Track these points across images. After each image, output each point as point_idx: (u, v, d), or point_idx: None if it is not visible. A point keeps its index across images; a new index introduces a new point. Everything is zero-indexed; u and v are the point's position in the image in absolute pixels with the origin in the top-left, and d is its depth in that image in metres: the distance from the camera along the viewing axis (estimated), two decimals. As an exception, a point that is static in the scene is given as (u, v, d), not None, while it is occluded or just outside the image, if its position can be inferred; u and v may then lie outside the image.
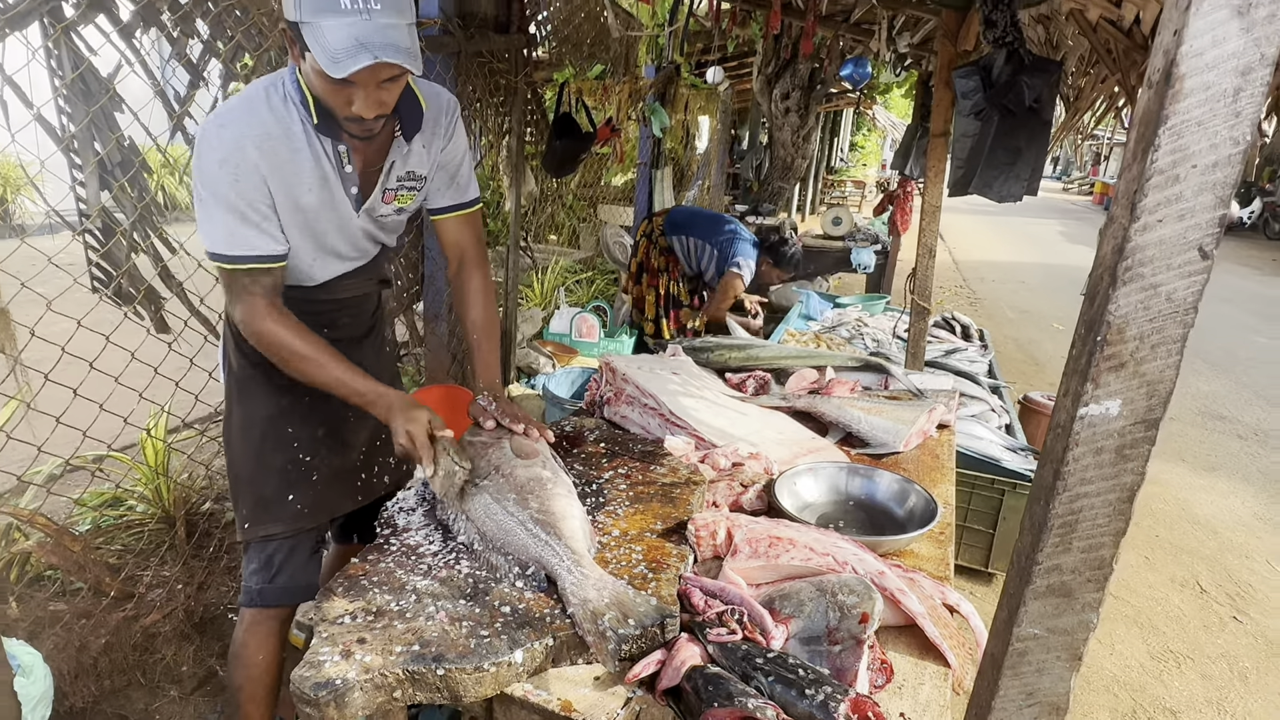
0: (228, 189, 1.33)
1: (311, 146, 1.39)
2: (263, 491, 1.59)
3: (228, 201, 1.33)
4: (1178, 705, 2.36)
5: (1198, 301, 0.58)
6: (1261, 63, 0.54)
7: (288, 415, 1.59)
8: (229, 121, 1.34)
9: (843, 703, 0.92)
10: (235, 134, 1.33)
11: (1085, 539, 0.63)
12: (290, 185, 1.39)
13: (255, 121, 1.34)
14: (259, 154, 1.33)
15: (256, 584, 1.59)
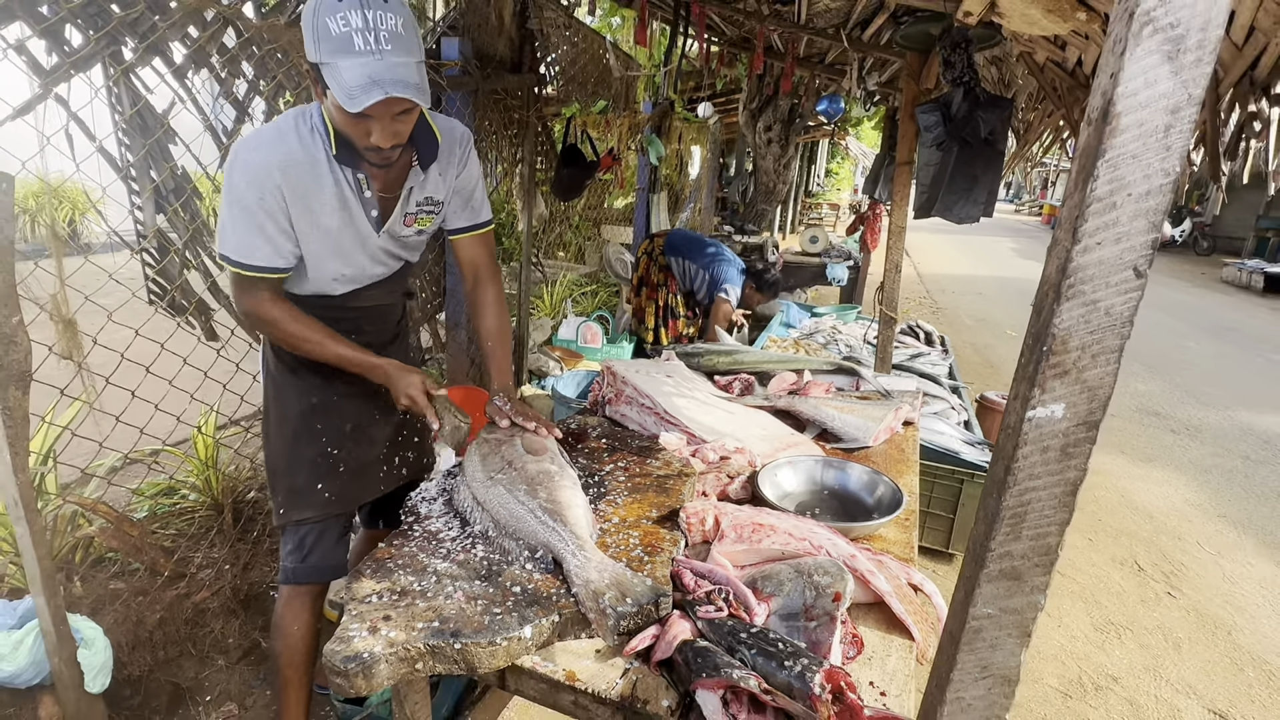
0: (252, 206, 1.35)
1: (333, 173, 1.40)
2: (295, 481, 1.59)
3: (249, 217, 1.35)
4: (1118, 672, 2.35)
5: (1133, 315, 0.57)
6: (1189, 102, 0.53)
7: (318, 413, 1.60)
8: (259, 145, 1.35)
9: (818, 673, 0.91)
10: (264, 158, 1.34)
11: (1033, 528, 0.62)
12: (312, 207, 1.41)
13: (283, 148, 1.35)
14: (283, 178, 1.35)
15: (291, 563, 1.61)
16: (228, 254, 1.39)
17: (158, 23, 1.66)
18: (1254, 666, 2.44)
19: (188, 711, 1.99)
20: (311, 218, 1.42)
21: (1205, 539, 3.33)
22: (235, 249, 1.38)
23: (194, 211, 1.90)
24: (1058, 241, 0.60)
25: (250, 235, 1.37)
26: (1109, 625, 2.61)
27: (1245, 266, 12.23)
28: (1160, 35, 0.53)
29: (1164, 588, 2.90)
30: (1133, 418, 5.06)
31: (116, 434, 2.10)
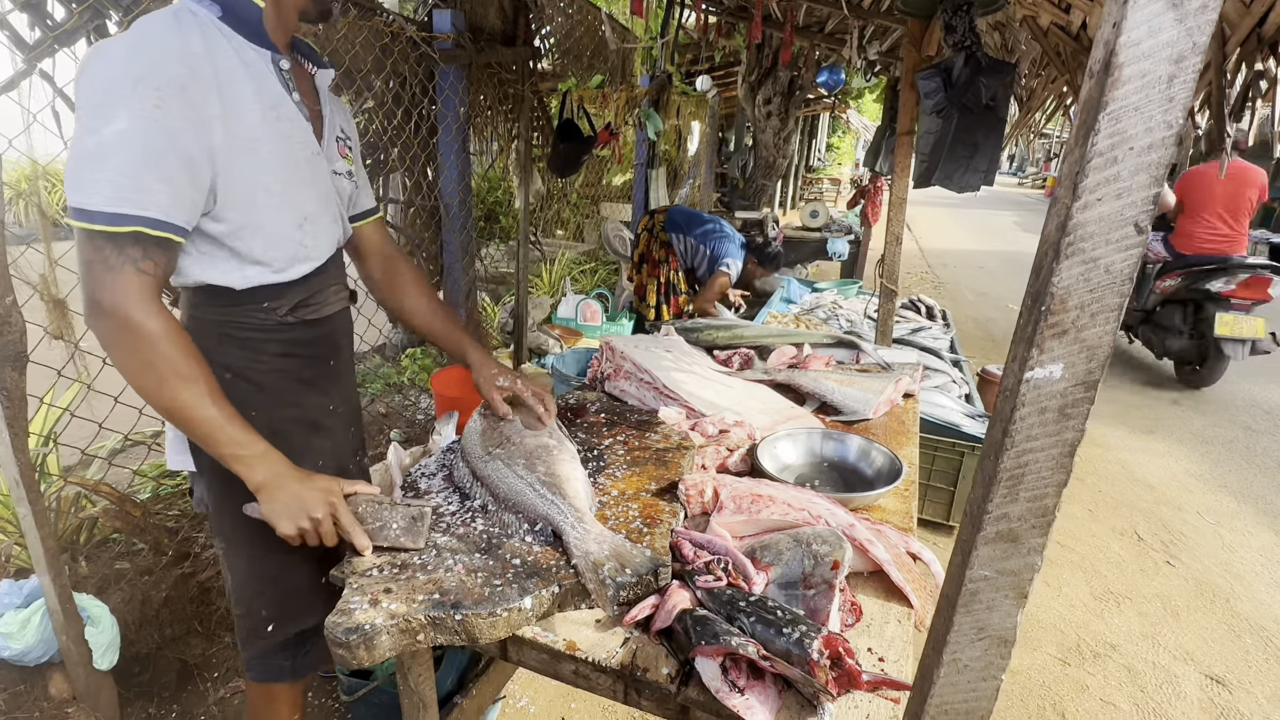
0: (143, 118, 0.89)
1: (249, 65, 1.02)
2: (294, 589, 1.27)
3: (137, 136, 0.89)
4: (1117, 639, 2.38)
5: (1133, 273, 0.57)
6: (1193, 51, 0.52)
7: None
8: (143, 39, 0.92)
9: (816, 639, 0.92)
10: (157, 49, 0.92)
11: (1031, 490, 0.62)
12: (242, 115, 1.00)
13: (178, 38, 0.95)
14: (188, 72, 0.93)
15: (286, 661, 1.32)
16: (94, 205, 0.89)
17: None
18: (1251, 633, 2.46)
19: (196, 688, 2.02)
20: (247, 133, 1.00)
21: (1205, 509, 3.34)
22: (109, 193, 0.89)
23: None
24: (1058, 199, 0.59)
25: (137, 167, 0.90)
26: (1108, 594, 2.63)
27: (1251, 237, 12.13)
28: (1165, -19, 0.51)
29: (1163, 557, 2.92)
30: (1135, 389, 5.06)
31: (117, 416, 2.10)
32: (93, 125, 0.90)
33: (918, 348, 3.85)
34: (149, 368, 0.95)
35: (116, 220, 0.91)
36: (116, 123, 0.89)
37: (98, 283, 0.93)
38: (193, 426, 0.99)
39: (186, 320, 1.14)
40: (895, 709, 0.95)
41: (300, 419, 1.26)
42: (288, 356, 1.20)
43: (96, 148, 0.90)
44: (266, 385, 1.18)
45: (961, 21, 1.73)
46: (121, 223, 0.91)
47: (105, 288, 0.93)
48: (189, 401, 0.97)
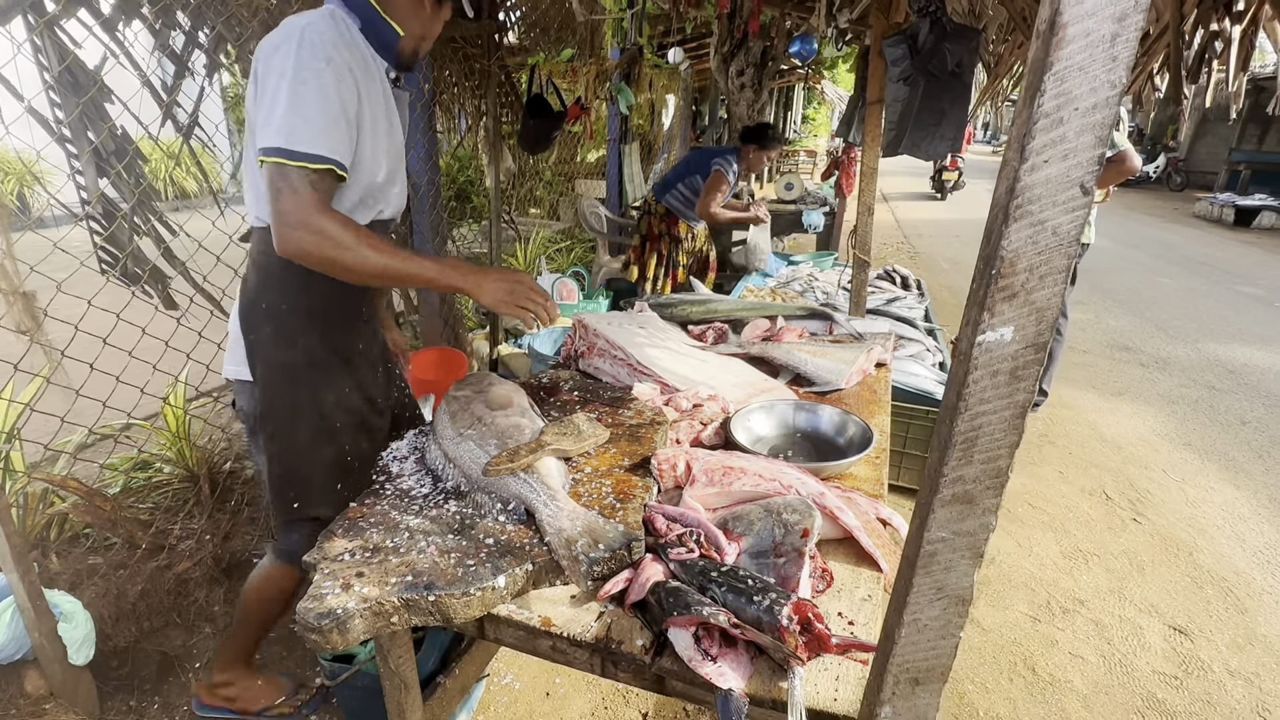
0: (332, 90, 1.19)
1: (378, 65, 1.35)
2: (314, 480, 1.49)
3: (327, 101, 1.19)
4: (1085, 595, 2.45)
5: (1079, 234, 0.57)
6: (1135, 9, 0.52)
7: (335, 410, 1.47)
8: (325, 29, 1.22)
9: (785, 606, 0.93)
10: (332, 38, 1.22)
11: (984, 452, 0.63)
12: (372, 100, 1.30)
13: (342, 32, 1.26)
14: (352, 60, 1.25)
15: (301, 550, 1.51)
16: (297, 146, 1.16)
17: (79, -30, 1.56)
18: (1213, 584, 2.55)
19: (177, 679, 2.01)
20: (373, 113, 1.31)
21: (1171, 467, 3.44)
22: (311, 139, 1.17)
23: (139, 174, 1.82)
24: (1006, 162, 0.60)
25: (328, 120, 1.19)
26: (1077, 552, 2.70)
27: (1217, 200, 12.35)
28: (1107, -63, 0.51)
29: (1130, 514, 3.00)
30: (1104, 353, 5.16)
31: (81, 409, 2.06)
32: (292, 87, 1.17)
33: (892, 317, 3.89)
34: (347, 248, 1.20)
35: (317, 160, 1.19)
36: (311, 89, 1.18)
37: (293, 207, 1.18)
38: (399, 274, 1.26)
39: (258, 255, 1.40)
40: (864, 670, 0.97)
41: (337, 350, 1.48)
42: (340, 293, 1.42)
43: (299, 104, 1.17)
44: (316, 316, 1.42)
45: (926, -14, 1.73)
46: (320, 162, 1.19)
47: (302, 209, 1.18)
48: (389, 259, 1.24)
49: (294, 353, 1.41)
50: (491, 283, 1.32)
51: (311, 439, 1.45)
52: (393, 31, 1.34)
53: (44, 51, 1.56)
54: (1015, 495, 3.11)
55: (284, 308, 1.39)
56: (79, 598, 1.87)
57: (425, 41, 1.43)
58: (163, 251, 1.97)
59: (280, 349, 1.40)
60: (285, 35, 1.20)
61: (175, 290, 2.06)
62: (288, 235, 1.19)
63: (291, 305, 1.40)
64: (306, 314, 1.41)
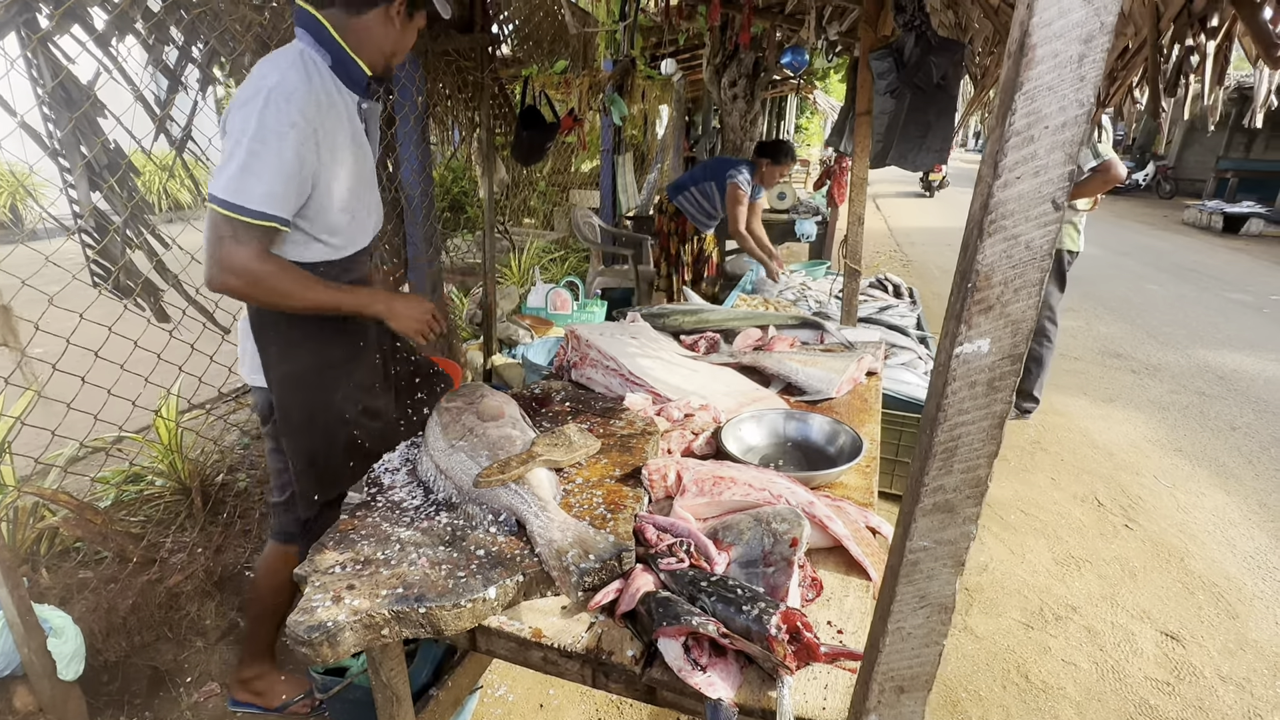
0: (290, 153, 1.29)
1: (345, 104, 1.43)
2: (331, 464, 1.61)
3: (284, 164, 1.29)
4: (1077, 602, 2.46)
5: (1052, 249, 0.58)
6: (1101, 31, 0.54)
7: (346, 397, 1.60)
8: (294, 89, 1.30)
9: (774, 615, 0.94)
10: (302, 101, 1.30)
11: (964, 461, 0.64)
12: (336, 145, 1.39)
13: (314, 88, 1.34)
14: (319, 117, 1.33)
15: (300, 529, 1.71)
16: (246, 203, 1.27)
17: (73, -14, 1.57)
18: (1204, 590, 2.56)
19: (169, 693, 2.00)
20: (336, 157, 1.40)
21: (1162, 472, 3.46)
22: (260, 198, 1.27)
23: (131, 188, 1.83)
24: (981, 178, 0.61)
25: (279, 183, 1.29)
26: (1069, 559, 2.71)
27: (1205, 208, 12.48)
28: (1072, -38, 0.53)
29: (1122, 521, 3.02)
30: (1095, 360, 5.20)
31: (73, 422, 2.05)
32: (252, 148, 1.27)
33: (884, 325, 3.91)
34: (281, 291, 1.36)
35: (261, 216, 1.29)
36: (270, 150, 1.28)
37: (229, 253, 1.30)
38: (326, 305, 1.42)
39: None
40: (853, 678, 0.97)
41: (337, 349, 1.60)
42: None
43: (255, 164, 1.27)
44: (314, 322, 1.52)
45: (911, 1, 1.75)
46: (264, 219, 1.30)
47: (237, 256, 1.30)
48: (318, 294, 1.40)
49: (302, 358, 1.53)
50: (401, 309, 1.53)
51: (325, 431, 1.58)
52: (360, 70, 1.44)
53: (37, 67, 1.57)
54: (1008, 502, 3.12)
55: (287, 320, 1.49)
56: (69, 612, 1.85)
57: (397, 56, 1.51)
58: (155, 265, 1.97)
59: (289, 358, 1.52)
60: (254, 91, 1.29)
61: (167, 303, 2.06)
62: (219, 276, 1.31)
63: (292, 318, 1.49)
64: (306, 323, 1.51)
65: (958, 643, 2.24)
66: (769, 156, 3.92)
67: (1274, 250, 10.31)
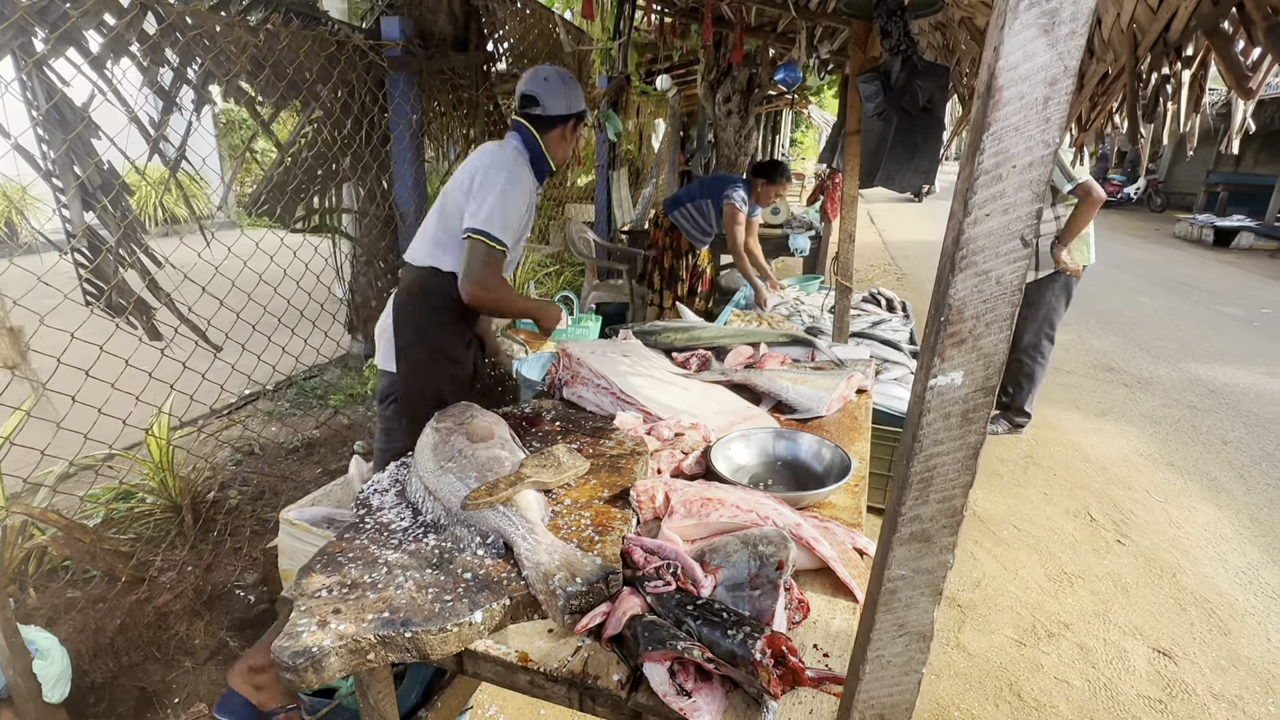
0: (521, 207, 1.89)
1: (534, 186, 2.01)
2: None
3: (518, 209, 1.87)
4: (1070, 618, 2.46)
5: (1022, 284, 0.59)
6: (1065, 74, 0.55)
7: (445, 387, 2.00)
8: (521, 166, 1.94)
9: (759, 639, 0.94)
10: (525, 176, 1.93)
11: (939, 491, 0.65)
12: (530, 206, 1.99)
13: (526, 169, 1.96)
14: (532, 192, 1.99)
15: None
16: (502, 237, 1.83)
17: (69, 10, 1.59)
18: (1196, 606, 2.57)
19: (156, 714, 1.98)
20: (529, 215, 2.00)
21: (1154, 487, 3.47)
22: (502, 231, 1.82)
23: (125, 208, 1.84)
24: (953, 214, 0.62)
25: (513, 224, 1.86)
26: (1062, 575, 2.72)
27: (1196, 221, 12.59)
28: (1036, 9, 0.54)
29: (1114, 536, 3.02)
30: (1088, 374, 5.22)
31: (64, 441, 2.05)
32: (505, 198, 1.84)
33: (878, 340, 3.92)
34: (506, 300, 1.91)
35: (502, 245, 1.84)
36: (511, 201, 1.85)
37: (488, 273, 1.83)
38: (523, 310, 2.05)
39: (417, 287, 1.99)
40: (837, 702, 0.97)
41: (458, 349, 2.06)
42: (454, 312, 1.99)
43: (500, 211, 1.83)
44: (445, 325, 2.00)
45: (896, 26, 1.77)
46: (502, 245, 1.84)
47: (491, 276, 1.84)
48: (521, 303, 2.02)
49: (426, 351, 1.98)
50: (551, 312, 2.14)
51: (435, 403, 1.89)
52: (548, 166, 2.04)
53: (32, 89, 1.59)
54: (1001, 518, 3.13)
55: (426, 321, 1.98)
56: (56, 633, 1.84)
57: (567, 157, 2.15)
58: (148, 283, 1.98)
59: (419, 348, 1.98)
60: (502, 161, 1.90)
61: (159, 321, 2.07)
62: (475, 290, 1.83)
63: (432, 320, 1.97)
64: (441, 325, 1.99)
65: (950, 660, 2.24)
66: (765, 176, 3.96)
67: (1264, 263, 10.39)
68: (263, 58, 2.15)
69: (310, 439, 3.46)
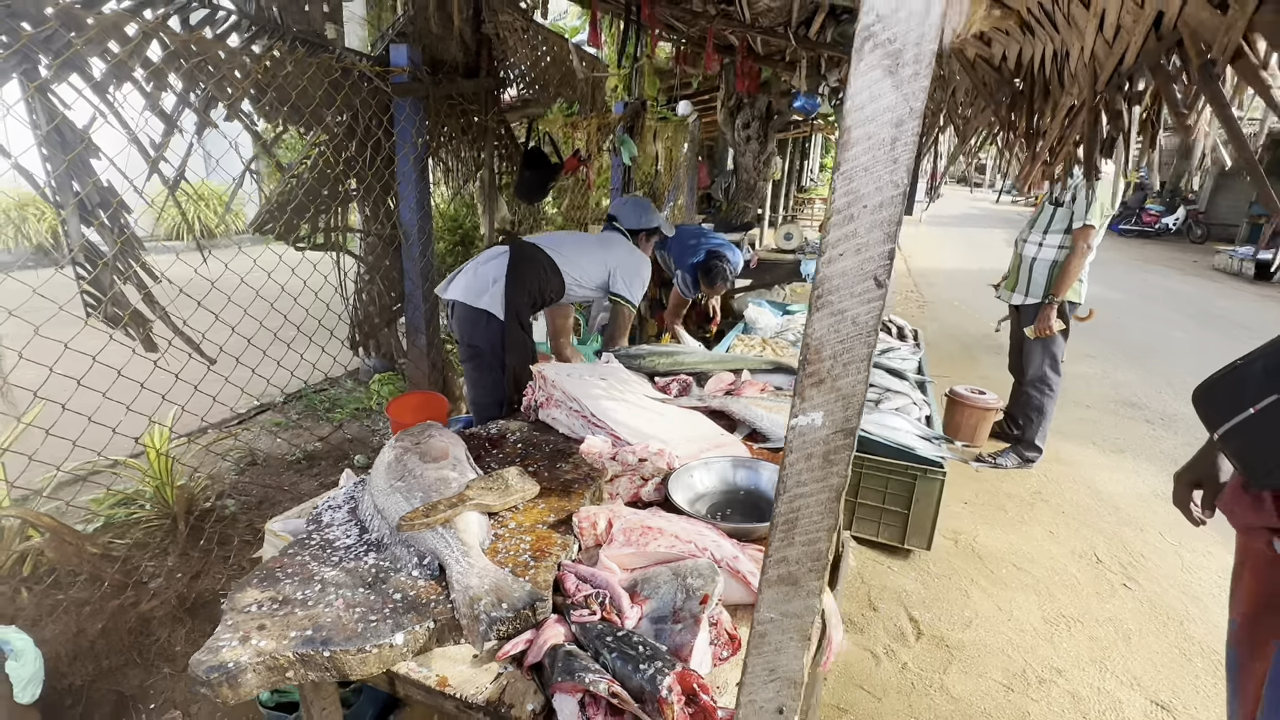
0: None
1: None
2: (522, 376, 2.52)
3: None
4: (1064, 664, 2.36)
5: (877, 324, 0.58)
6: (911, 115, 0.54)
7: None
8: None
9: (668, 675, 0.92)
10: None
11: (805, 534, 0.63)
12: None
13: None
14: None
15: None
16: (635, 298, 2.75)
17: (73, 40, 1.68)
18: (1202, 657, 2.44)
19: (130, 719, 2.01)
20: None
21: (1167, 529, 3.32)
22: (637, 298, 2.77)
23: (122, 225, 1.91)
24: (819, 253, 0.61)
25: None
26: (1060, 618, 2.61)
27: (1237, 254, 12.18)
28: (880, 50, 0.54)
29: (1120, 579, 2.90)
30: (1109, 408, 5.05)
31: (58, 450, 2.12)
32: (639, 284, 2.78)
33: (883, 369, 3.86)
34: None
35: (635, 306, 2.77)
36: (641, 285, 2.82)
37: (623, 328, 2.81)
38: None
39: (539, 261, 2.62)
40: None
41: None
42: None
43: (638, 289, 2.80)
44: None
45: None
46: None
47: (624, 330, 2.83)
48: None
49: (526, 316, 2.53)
50: None
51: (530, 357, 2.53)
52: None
53: (35, 111, 1.67)
54: (1000, 555, 3.02)
55: (534, 289, 2.54)
56: (39, 633, 1.89)
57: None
58: (144, 296, 2.05)
59: (523, 311, 2.51)
60: (638, 265, 2.79)
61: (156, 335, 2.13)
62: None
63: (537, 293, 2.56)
64: (534, 304, 2.62)
65: (932, 702, 2.16)
66: (705, 278, 3.95)
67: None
68: (266, 83, 2.23)
69: (312, 451, 3.52)
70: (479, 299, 2.49)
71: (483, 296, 2.49)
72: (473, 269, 2.55)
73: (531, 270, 2.51)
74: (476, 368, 2.62)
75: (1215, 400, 1.23)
